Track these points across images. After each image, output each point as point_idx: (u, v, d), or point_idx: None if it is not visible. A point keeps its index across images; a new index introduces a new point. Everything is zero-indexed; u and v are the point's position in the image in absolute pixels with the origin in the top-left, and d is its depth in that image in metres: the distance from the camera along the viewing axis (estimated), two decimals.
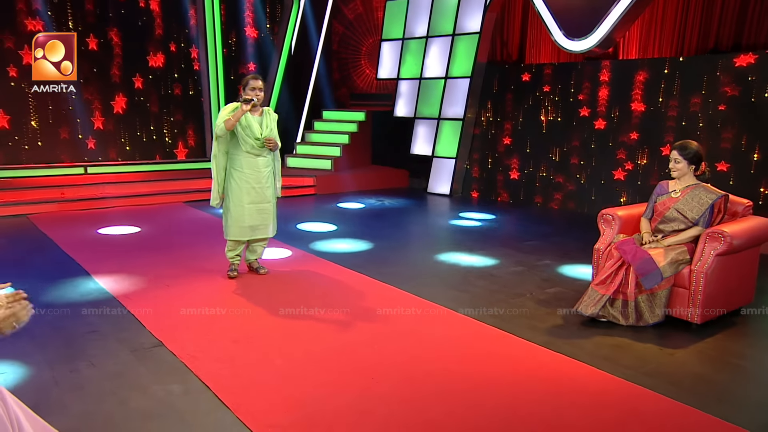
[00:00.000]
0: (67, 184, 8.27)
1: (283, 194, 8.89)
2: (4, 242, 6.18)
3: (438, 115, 9.50)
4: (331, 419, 2.82)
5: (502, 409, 3.00)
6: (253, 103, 4.68)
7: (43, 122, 8.67)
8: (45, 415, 2.84)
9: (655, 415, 2.98)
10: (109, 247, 6.00)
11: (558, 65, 8.52)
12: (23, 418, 2.11)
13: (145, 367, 3.36)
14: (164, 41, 9.55)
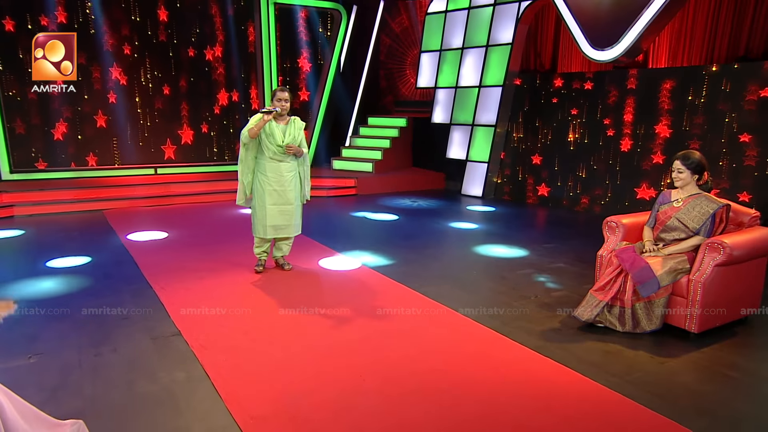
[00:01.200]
0: (140, 183, 8.59)
1: (326, 194, 9.12)
2: (75, 234, 6.47)
3: (472, 121, 9.29)
4: (311, 413, 2.78)
5: (478, 410, 2.87)
6: (275, 112, 4.69)
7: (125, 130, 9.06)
8: (60, 395, 2.96)
9: (629, 424, 2.79)
10: (161, 240, 6.17)
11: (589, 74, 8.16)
12: (8, 407, 2.13)
13: (159, 354, 3.42)
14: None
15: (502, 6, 8.75)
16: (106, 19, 8.61)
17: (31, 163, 8.45)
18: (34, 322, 3.88)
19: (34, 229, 6.63)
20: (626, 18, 6.92)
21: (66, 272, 5.00)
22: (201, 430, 2.65)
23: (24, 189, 7.75)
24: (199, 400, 2.90)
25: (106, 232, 6.52)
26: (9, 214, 7.31)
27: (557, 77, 8.42)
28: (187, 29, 9.34)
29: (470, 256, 5.83)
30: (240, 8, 9.71)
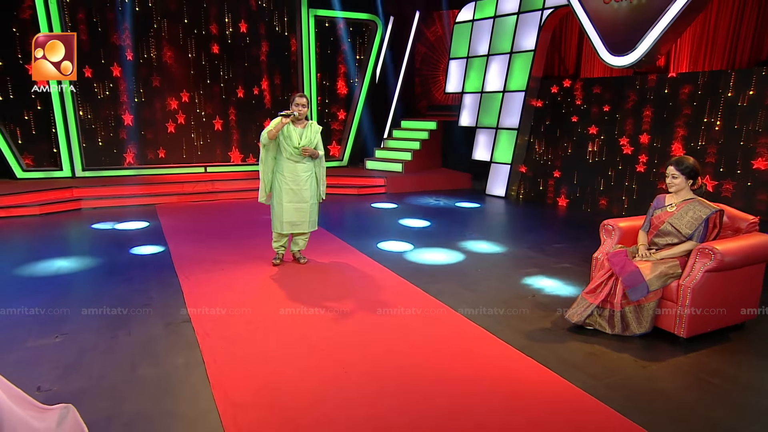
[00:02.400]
0: (190, 180, 8.80)
1: (357, 192, 9.08)
2: (126, 225, 6.69)
3: (496, 124, 9.02)
4: (288, 402, 2.74)
5: (447, 406, 2.75)
6: (293, 116, 4.67)
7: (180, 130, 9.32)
8: (71, 373, 3.03)
9: (595, 428, 2.60)
10: (197, 233, 6.26)
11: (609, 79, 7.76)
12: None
13: (167, 340, 3.45)
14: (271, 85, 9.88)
15: (526, 14, 8.44)
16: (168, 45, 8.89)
17: (99, 162, 8.80)
18: (69, 303, 4.01)
19: (93, 219, 6.90)
20: (643, 24, 6.52)
21: (106, 259, 5.16)
22: (184, 414, 2.65)
23: (90, 185, 8.09)
24: (190, 385, 2.91)
25: (153, 224, 6.70)
26: (78, 207, 7.65)
27: (577, 91, 8.05)
28: (239, 50, 9.48)
29: (476, 255, 5.64)
30: (284, 22, 9.76)
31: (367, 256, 5.38)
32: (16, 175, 8.23)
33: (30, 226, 6.60)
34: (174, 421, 2.59)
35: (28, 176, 8.31)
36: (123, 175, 8.85)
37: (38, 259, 5.13)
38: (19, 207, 7.17)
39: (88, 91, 8.58)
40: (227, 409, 2.65)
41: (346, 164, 10.62)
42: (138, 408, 2.69)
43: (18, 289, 4.34)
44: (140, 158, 9.12)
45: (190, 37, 9.13)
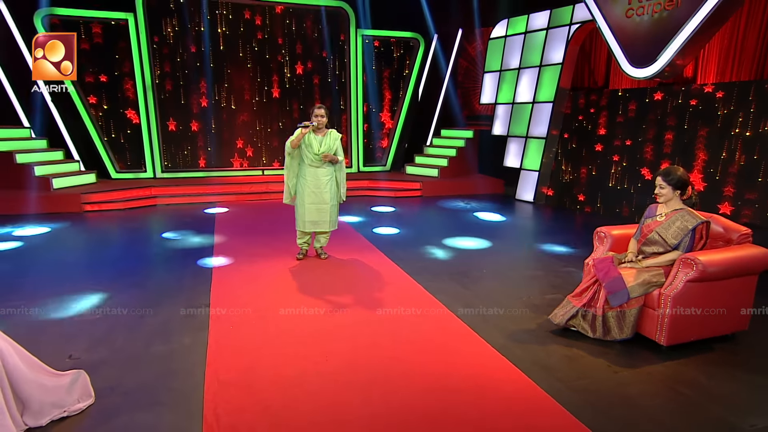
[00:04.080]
0: (248, 182, 9.12)
1: (394, 195, 9.05)
2: (188, 220, 7.03)
3: (526, 133, 8.69)
4: (265, 385, 2.76)
5: (408, 399, 2.68)
6: (312, 126, 4.71)
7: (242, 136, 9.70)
8: (97, 345, 3.21)
9: (544, 428, 2.44)
10: (241, 228, 6.44)
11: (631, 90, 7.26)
12: (11, 355, 2.30)
13: (183, 322, 3.57)
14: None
15: (555, 30, 8.06)
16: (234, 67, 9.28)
17: (175, 165, 9.32)
18: (118, 284, 4.25)
19: (164, 214, 7.32)
20: (663, 38, 6.04)
21: (161, 247, 5.45)
22: (177, 387, 2.74)
23: (165, 185, 8.58)
24: (190, 362, 3.00)
25: (209, 219, 7.00)
26: (153, 203, 8.14)
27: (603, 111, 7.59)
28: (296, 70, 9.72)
29: (486, 256, 5.45)
30: (335, 43, 9.89)
31: (384, 254, 5.33)
32: (111, 176, 8.88)
33: (114, 218, 7.09)
34: (166, 392, 2.69)
35: (120, 177, 8.94)
36: (194, 176, 9.31)
37: (107, 246, 5.51)
38: (108, 202, 7.73)
39: (170, 108, 9.10)
40: (212, 386, 2.73)
41: (389, 169, 10.62)
42: (141, 379, 2.81)
43: (83, 271, 4.68)
44: (209, 163, 9.56)
45: (255, 65, 9.46)
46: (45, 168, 7.86)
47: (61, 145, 8.50)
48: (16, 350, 2.35)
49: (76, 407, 2.51)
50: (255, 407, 2.55)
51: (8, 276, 4.50)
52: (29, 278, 4.44)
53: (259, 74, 9.55)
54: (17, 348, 2.36)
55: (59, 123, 8.46)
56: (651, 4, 6.29)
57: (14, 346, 2.34)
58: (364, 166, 10.48)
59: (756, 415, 2.59)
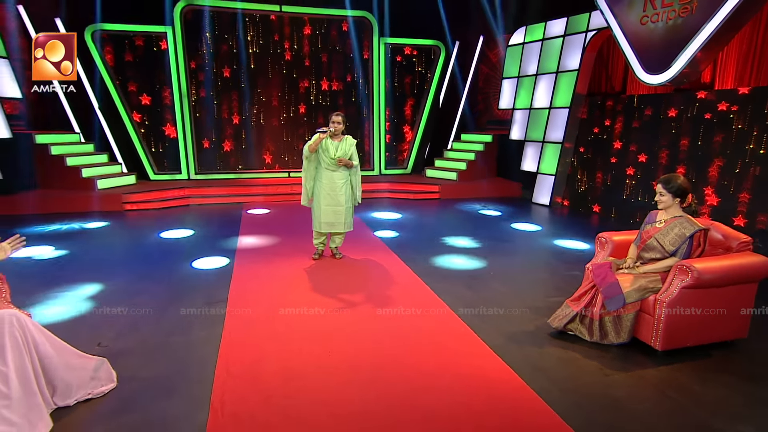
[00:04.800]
0: (274, 183, 9.32)
1: (412, 197, 9.08)
2: (215, 220, 7.25)
3: (542, 138, 8.58)
4: (268, 377, 2.86)
5: (400, 393, 2.73)
6: (329, 132, 4.81)
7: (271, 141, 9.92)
8: (125, 335, 3.38)
9: (528, 427, 2.45)
10: (265, 228, 6.58)
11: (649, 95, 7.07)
12: (43, 343, 2.49)
13: (202, 316, 3.70)
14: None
15: (571, 36, 7.92)
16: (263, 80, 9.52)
17: (207, 167, 9.62)
18: (150, 279, 4.45)
19: (195, 213, 7.58)
20: (677, 44, 5.87)
21: (188, 244, 5.65)
22: (190, 376, 2.87)
23: (198, 186, 8.87)
24: (202, 354, 3.12)
25: (236, 219, 7.20)
26: (187, 203, 8.44)
27: (619, 118, 7.42)
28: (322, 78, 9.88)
29: (499, 258, 5.42)
30: (360, 50, 9.99)
31: (396, 255, 5.38)
32: (149, 177, 9.25)
33: (150, 216, 7.38)
34: (180, 381, 2.82)
35: (158, 178, 9.29)
36: (225, 178, 9.58)
37: (140, 243, 5.77)
38: (146, 202, 8.06)
39: (204, 116, 9.41)
40: (221, 376, 2.85)
41: (410, 172, 10.66)
42: (159, 368, 2.96)
43: (119, 265, 4.91)
44: (239, 166, 9.82)
45: (284, 75, 9.67)
46: (91, 170, 8.25)
47: (106, 149, 8.91)
48: (48, 338, 2.51)
49: (99, 390, 2.67)
50: (257, 397, 2.66)
51: (55, 268, 4.78)
52: (74, 270, 4.70)
53: (287, 86, 9.74)
54: (48, 335, 2.52)
55: (105, 129, 8.88)
56: (666, 11, 6.12)
57: (46, 334, 2.51)
58: (386, 169, 10.56)
59: (743, 422, 2.52)
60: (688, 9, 5.87)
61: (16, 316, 2.34)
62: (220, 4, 9.06)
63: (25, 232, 6.28)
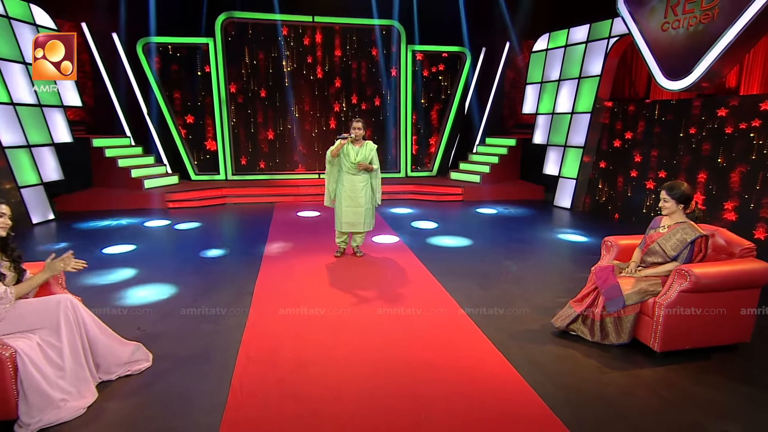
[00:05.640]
0: (304, 184, 9.60)
1: (434, 198, 9.16)
2: (248, 218, 7.56)
3: (564, 142, 8.50)
4: (283, 363, 3.04)
5: (404, 386, 2.82)
6: (350, 137, 4.98)
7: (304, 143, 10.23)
8: (162, 320, 3.65)
9: (520, 417, 2.54)
10: (294, 226, 6.82)
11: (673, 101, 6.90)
12: (91, 324, 2.78)
13: (231, 304, 3.95)
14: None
15: (594, 43, 7.82)
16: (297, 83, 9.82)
17: (243, 169, 10.01)
18: (182, 273, 4.76)
19: (231, 211, 7.94)
20: (698, 51, 5.74)
21: (222, 240, 5.96)
22: (215, 359, 3.09)
23: (234, 186, 9.26)
24: (228, 340, 3.35)
25: (267, 217, 7.49)
26: (223, 202, 8.83)
27: (640, 114, 7.26)
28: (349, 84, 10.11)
29: (513, 259, 5.45)
30: (388, 58, 10.16)
31: (413, 254, 5.50)
32: (191, 177, 9.72)
33: (190, 214, 7.77)
34: (206, 363, 3.05)
35: (198, 178, 9.75)
36: (259, 179, 9.95)
37: (181, 238, 6.12)
38: (187, 201, 8.49)
39: (241, 121, 9.80)
40: (242, 361, 3.06)
41: (435, 174, 10.74)
42: (188, 351, 3.21)
43: (160, 258, 5.26)
44: (272, 168, 10.17)
45: (317, 81, 9.95)
46: (139, 171, 8.77)
47: (152, 151, 9.43)
48: (95, 321, 2.79)
49: (137, 368, 2.93)
50: (272, 380, 2.86)
51: (105, 259, 5.17)
52: (121, 261, 5.08)
53: (318, 96, 10.02)
54: (95, 319, 2.79)
55: (153, 133, 9.40)
56: (687, 17, 5.99)
57: (93, 318, 2.78)
58: (412, 171, 10.68)
59: (731, 422, 2.53)
60: (710, 15, 5.73)
61: (69, 300, 2.62)
62: (257, 16, 9.42)
63: (81, 227, 6.78)
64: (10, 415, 2.31)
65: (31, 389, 2.30)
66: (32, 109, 7.29)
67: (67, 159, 7.82)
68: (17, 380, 2.28)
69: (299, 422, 2.49)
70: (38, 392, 2.32)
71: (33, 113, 7.29)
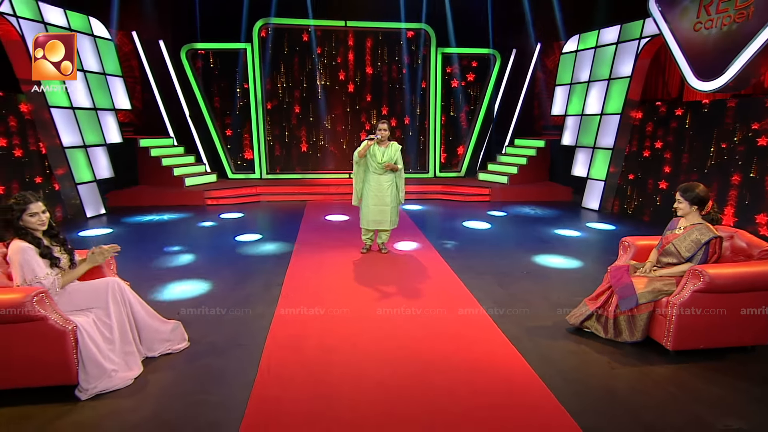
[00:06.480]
0: (335, 183, 9.87)
1: (461, 198, 9.24)
2: (281, 215, 7.89)
3: (593, 144, 8.40)
4: (306, 349, 3.24)
5: (417, 374, 2.96)
6: (376, 139, 5.16)
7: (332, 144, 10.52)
8: (198, 305, 3.94)
9: (528, 406, 2.65)
10: (323, 224, 7.08)
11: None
12: (137, 305, 3.09)
13: (260, 295, 4.21)
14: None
15: (624, 44, 7.71)
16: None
17: (276, 168, 10.39)
18: (218, 264, 5.08)
19: (265, 208, 8.29)
20: (732, 50, 5.61)
21: (255, 234, 6.26)
22: (244, 343, 3.33)
23: (269, 184, 9.63)
24: (257, 326, 3.58)
25: (299, 214, 7.79)
26: (258, 199, 9.21)
27: (673, 115, 7.11)
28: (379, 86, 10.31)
29: (535, 258, 5.50)
30: (419, 62, 10.31)
31: (437, 252, 5.63)
32: (228, 176, 10.17)
33: (226, 210, 8.16)
34: (237, 347, 3.30)
35: (235, 177, 10.20)
36: (292, 178, 10.29)
37: (217, 233, 6.48)
38: (224, 198, 8.91)
39: (276, 123, 10.18)
40: (270, 345, 3.29)
41: (463, 175, 10.80)
42: (222, 335, 3.47)
43: (197, 250, 5.61)
44: (304, 168, 10.50)
45: (348, 85, 10.21)
46: (181, 169, 9.26)
47: (193, 151, 9.93)
48: (140, 302, 3.09)
49: (176, 347, 3.22)
50: (297, 365, 3.07)
51: (149, 250, 5.56)
52: (162, 253, 5.46)
53: (350, 100, 10.28)
54: (140, 300, 3.10)
55: (194, 134, 9.91)
56: (721, 17, 5.86)
57: (138, 300, 3.08)
58: (440, 172, 10.78)
59: (736, 418, 2.55)
60: (744, 14, 5.59)
61: (117, 283, 2.93)
62: (292, 22, 9.77)
63: (129, 221, 7.26)
64: (72, 381, 2.63)
65: (88, 359, 2.61)
66: (88, 112, 7.86)
67: (117, 158, 8.37)
68: (77, 351, 2.59)
69: (320, 402, 2.69)
70: (94, 362, 2.63)
71: (89, 116, 7.86)
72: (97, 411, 2.56)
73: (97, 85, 8.15)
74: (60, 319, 2.57)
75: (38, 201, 2.78)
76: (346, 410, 2.62)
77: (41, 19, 7.15)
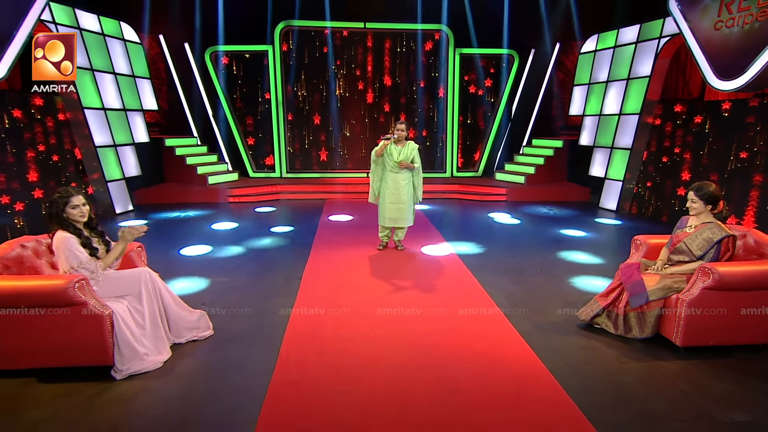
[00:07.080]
0: (353, 182, 10.04)
1: (478, 198, 9.29)
2: (300, 213, 8.08)
3: (611, 144, 8.37)
4: (323, 338, 3.40)
5: (426, 364, 3.08)
6: (393, 138, 5.28)
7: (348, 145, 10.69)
8: (221, 299, 4.13)
9: (537, 399, 2.75)
10: (341, 221, 7.25)
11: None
12: (166, 294, 3.28)
13: (279, 290, 4.37)
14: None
15: (644, 43, 7.66)
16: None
17: (295, 167, 10.61)
18: (241, 259, 5.27)
19: (286, 206, 8.50)
20: (754, 48, 5.55)
21: (275, 230, 6.46)
22: (266, 333, 3.50)
23: (288, 183, 9.85)
24: (278, 317, 3.76)
25: (317, 212, 7.97)
26: (278, 198, 9.43)
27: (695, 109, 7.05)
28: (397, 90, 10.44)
29: (549, 257, 5.54)
30: (436, 62, 10.40)
31: (452, 249, 5.72)
32: (249, 174, 10.43)
33: (247, 208, 8.40)
34: (259, 336, 3.47)
35: (256, 175, 10.45)
36: (311, 176, 10.49)
37: (239, 229, 6.70)
38: (245, 196, 9.16)
39: (297, 123, 10.41)
40: (289, 334, 3.46)
41: (480, 175, 10.84)
42: (245, 324, 3.65)
43: (222, 245, 5.82)
44: (323, 166, 10.69)
45: (368, 86, 10.37)
46: (204, 168, 9.55)
47: (216, 150, 10.22)
48: (168, 291, 3.29)
49: (202, 335, 3.41)
50: (314, 352, 3.23)
51: (176, 244, 5.80)
52: (188, 246, 5.69)
53: (366, 99, 10.43)
54: (169, 289, 3.30)
55: (217, 134, 10.20)
56: (742, 15, 5.80)
57: (167, 289, 3.28)
58: (458, 171, 10.84)
59: (741, 411, 2.60)
60: (767, 13, 5.53)
61: (148, 272, 3.13)
62: (312, 24, 9.97)
63: (156, 217, 7.55)
64: (108, 362, 2.85)
65: (122, 343, 2.81)
66: (118, 112, 8.20)
67: (144, 157, 8.69)
68: (113, 334, 2.79)
69: (336, 387, 2.84)
70: (128, 346, 2.83)
71: (118, 116, 8.20)
72: (132, 388, 2.77)
73: (127, 86, 8.49)
74: (98, 304, 2.78)
75: (79, 194, 3.00)
76: (360, 394, 2.76)
77: (77, 24, 7.50)
